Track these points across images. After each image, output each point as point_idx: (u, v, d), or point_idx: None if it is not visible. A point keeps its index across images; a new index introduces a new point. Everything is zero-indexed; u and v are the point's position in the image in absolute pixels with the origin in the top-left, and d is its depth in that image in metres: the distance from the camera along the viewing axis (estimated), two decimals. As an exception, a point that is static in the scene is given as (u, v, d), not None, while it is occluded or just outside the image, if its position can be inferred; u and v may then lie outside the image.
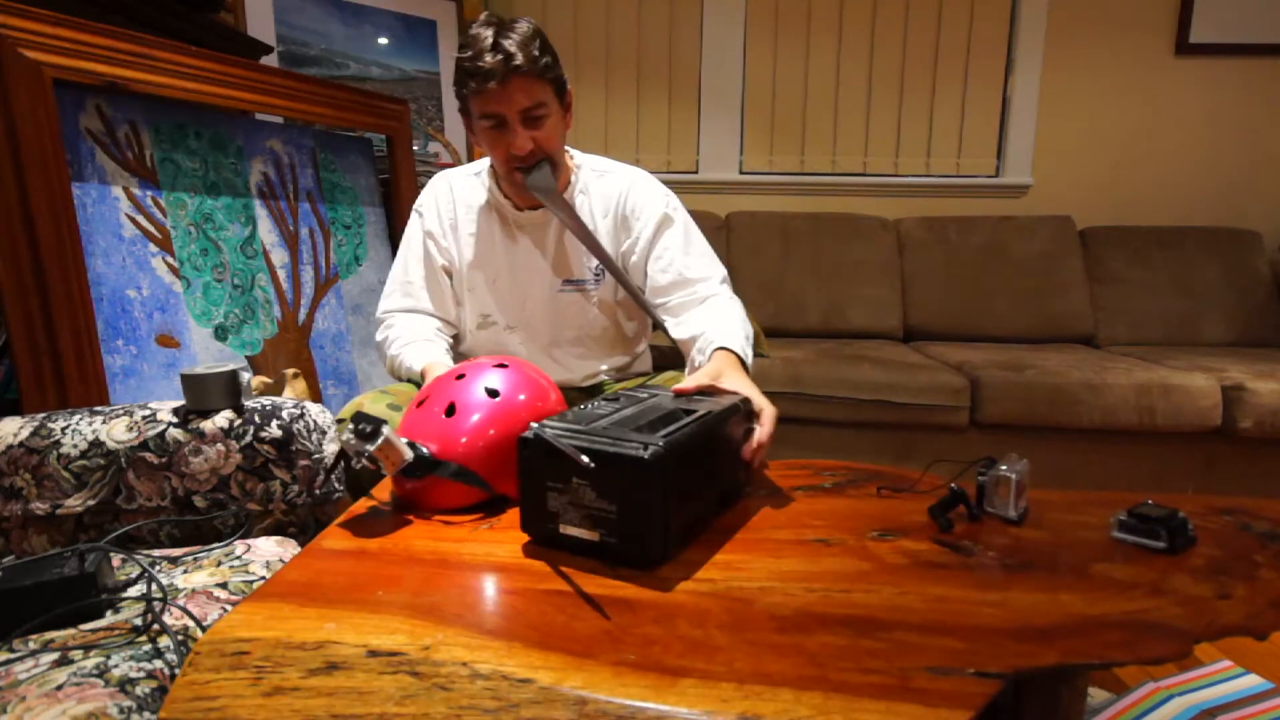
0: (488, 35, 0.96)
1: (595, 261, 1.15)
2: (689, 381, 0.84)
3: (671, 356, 1.37)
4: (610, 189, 1.16)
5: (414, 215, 1.19)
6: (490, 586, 0.61)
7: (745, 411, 0.80)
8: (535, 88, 0.98)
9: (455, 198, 1.16)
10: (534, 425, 0.67)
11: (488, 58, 0.95)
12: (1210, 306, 2.33)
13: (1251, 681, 1.12)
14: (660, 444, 0.62)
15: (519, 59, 0.95)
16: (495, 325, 1.17)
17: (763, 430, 0.81)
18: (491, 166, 1.14)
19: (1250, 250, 2.38)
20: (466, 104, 1.02)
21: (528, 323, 1.17)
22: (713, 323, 1.02)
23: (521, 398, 0.80)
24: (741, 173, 2.64)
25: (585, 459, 0.61)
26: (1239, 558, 0.67)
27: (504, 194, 1.13)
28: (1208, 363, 1.93)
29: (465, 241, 1.15)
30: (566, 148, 1.16)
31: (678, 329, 1.09)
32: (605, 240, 1.14)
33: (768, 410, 0.82)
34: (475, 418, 0.77)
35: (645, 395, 0.81)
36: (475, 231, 1.15)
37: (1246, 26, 2.42)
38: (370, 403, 1.05)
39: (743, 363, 0.96)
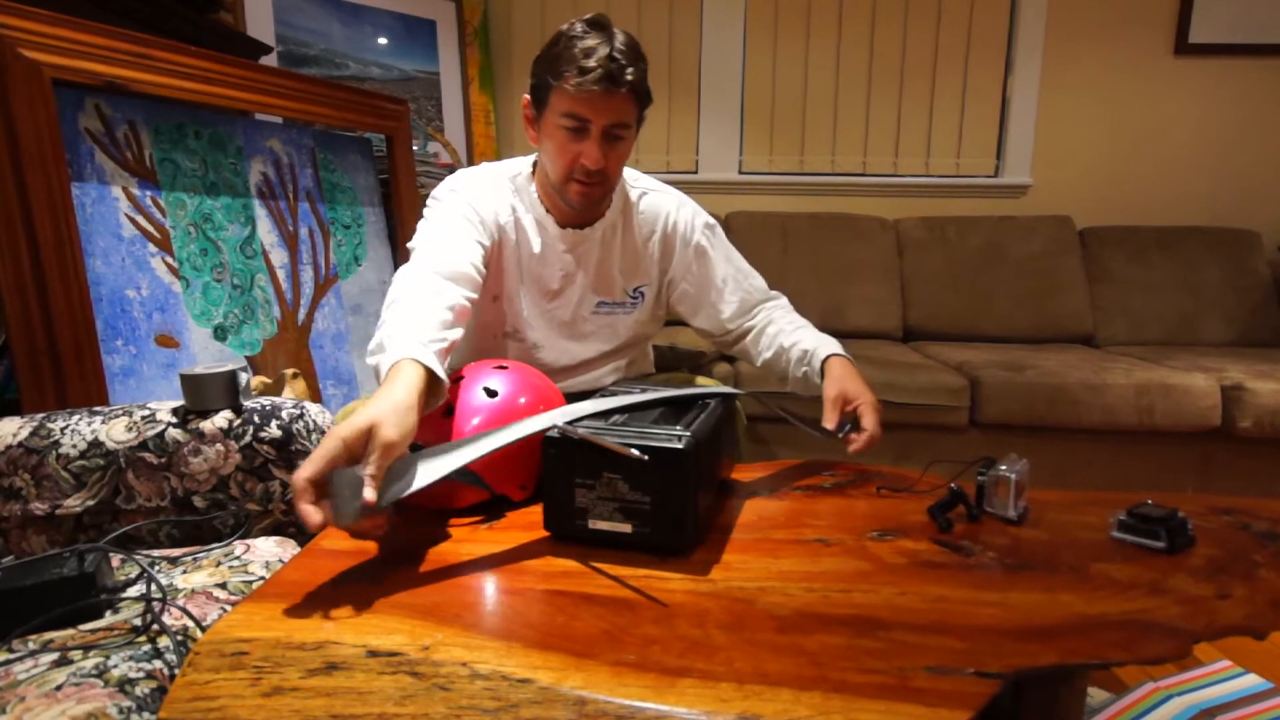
0: (599, 39, 0.91)
1: (634, 284, 1.12)
2: (830, 411, 0.97)
3: (670, 358, 1.37)
4: (654, 208, 1.12)
5: (447, 194, 1.03)
6: (490, 586, 0.61)
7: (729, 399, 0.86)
8: (630, 106, 0.95)
9: (495, 202, 1.04)
10: (558, 425, 0.68)
11: (597, 61, 0.89)
12: (1210, 306, 2.33)
13: (1251, 681, 1.12)
14: (689, 433, 0.66)
15: (630, 73, 0.91)
16: (523, 342, 1.11)
17: (870, 423, 0.94)
18: (534, 177, 1.06)
19: (1250, 250, 2.38)
20: (548, 94, 0.94)
21: (556, 341, 1.12)
22: (802, 334, 1.12)
23: (521, 400, 0.80)
24: (741, 173, 2.64)
25: (636, 452, 0.63)
26: (1238, 557, 0.67)
27: (546, 209, 1.06)
28: (1207, 363, 1.93)
29: (504, 249, 1.05)
30: None
31: (763, 355, 1.15)
32: (654, 260, 1.12)
33: (871, 405, 0.96)
34: (475, 419, 0.77)
35: (638, 390, 0.84)
36: (515, 241, 1.05)
37: (1246, 27, 2.43)
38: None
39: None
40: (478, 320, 1.11)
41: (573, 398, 1.15)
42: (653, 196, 1.13)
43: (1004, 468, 0.75)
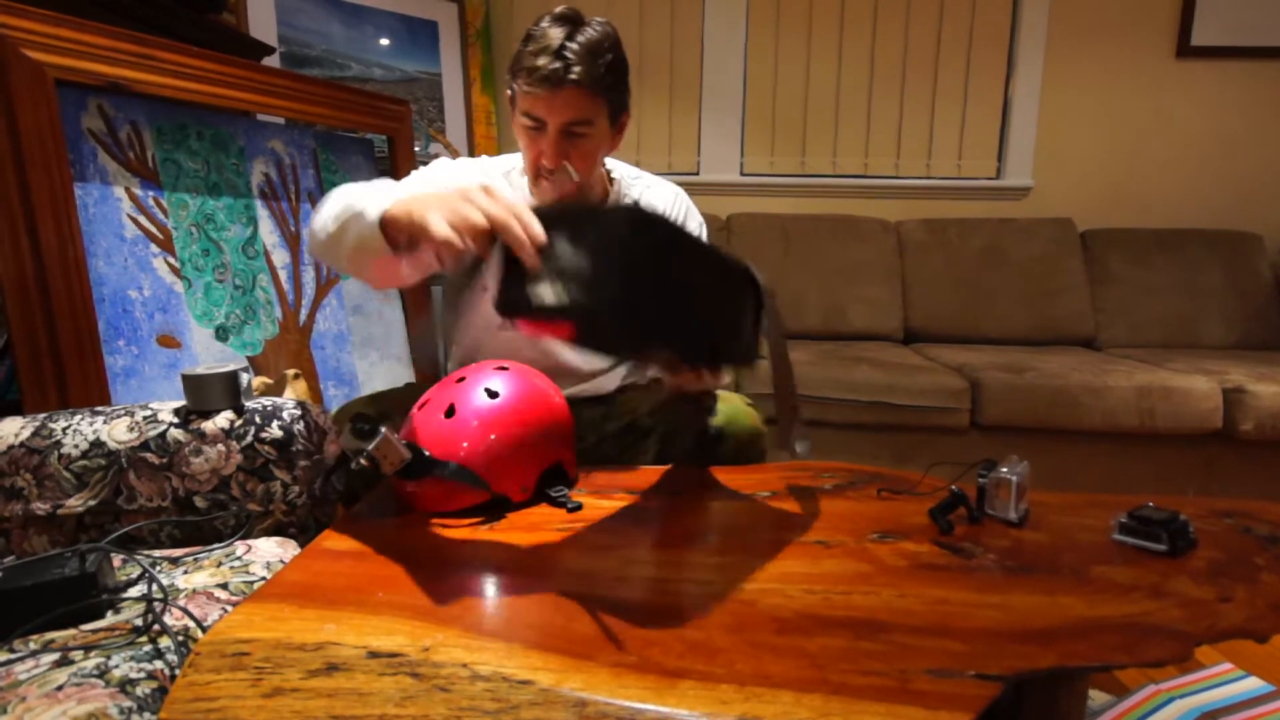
0: (557, 35, 0.89)
1: None
2: None
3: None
4: (663, 196, 1.12)
5: (433, 165, 1.03)
6: (490, 587, 0.61)
7: (758, 283, 0.75)
8: (586, 103, 0.92)
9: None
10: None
11: (544, 59, 0.88)
12: (1211, 309, 2.33)
13: (1252, 684, 1.12)
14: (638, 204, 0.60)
15: (577, 70, 0.88)
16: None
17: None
18: (525, 170, 1.06)
19: (1251, 253, 2.38)
20: (514, 93, 0.96)
21: None
22: None
23: (522, 399, 0.80)
24: (742, 174, 2.64)
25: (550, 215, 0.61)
26: (1240, 560, 0.67)
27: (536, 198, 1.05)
28: (1208, 365, 1.93)
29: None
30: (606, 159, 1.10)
31: None
32: None
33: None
34: (476, 420, 0.77)
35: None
36: None
37: (1248, 29, 2.42)
38: (361, 409, 1.04)
39: None
40: (472, 315, 1.12)
41: (578, 404, 1.15)
42: (653, 190, 1.14)
43: (1005, 470, 0.75)
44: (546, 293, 0.61)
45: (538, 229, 0.62)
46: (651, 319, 0.62)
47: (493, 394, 0.79)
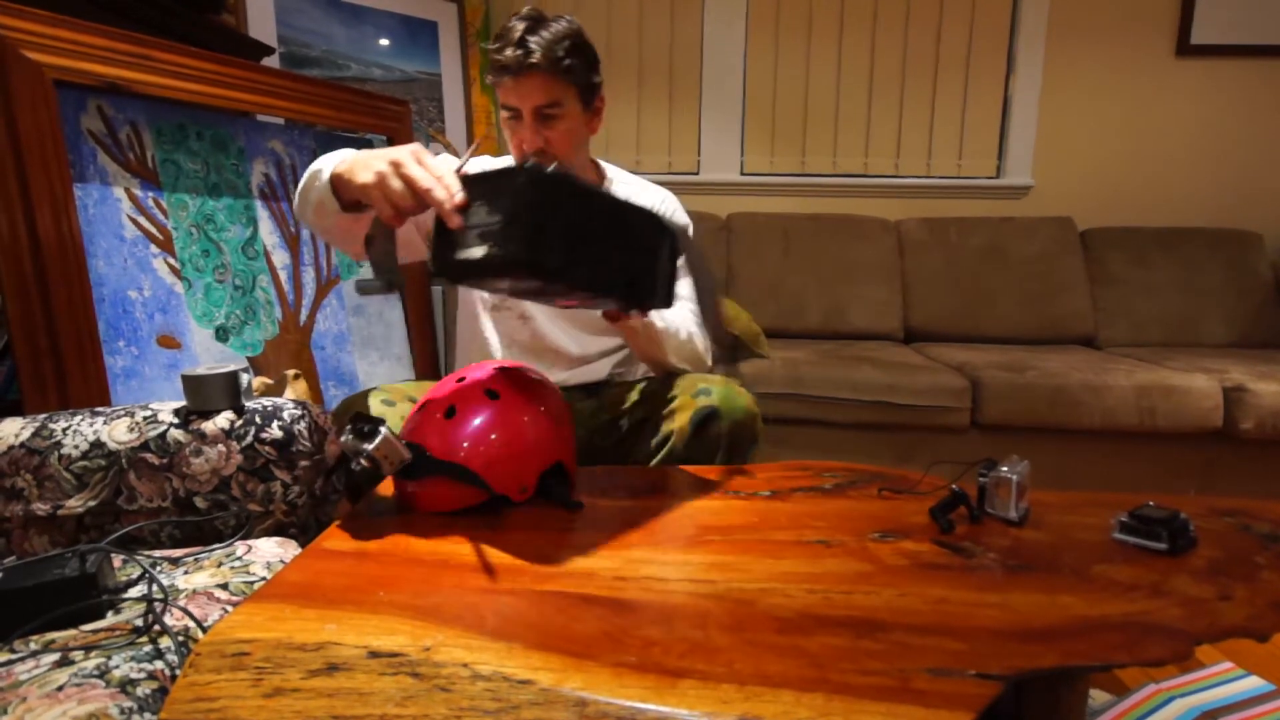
0: (519, 28, 0.97)
1: None
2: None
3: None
4: (649, 198, 1.19)
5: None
6: (490, 587, 0.61)
7: (670, 230, 0.82)
8: (552, 86, 0.99)
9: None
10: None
11: (509, 50, 0.96)
12: (1211, 307, 2.33)
13: (1253, 683, 1.12)
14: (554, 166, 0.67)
15: (537, 56, 0.96)
16: (511, 310, 1.15)
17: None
18: None
19: (1252, 251, 2.38)
20: (494, 91, 1.04)
21: (545, 308, 1.15)
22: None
23: (522, 399, 0.80)
24: (742, 174, 2.64)
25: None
26: (1240, 559, 0.67)
27: None
28: (1209, 364, 1.93)
29: None
30: (599, 160, 1.18)
31: None
32: None
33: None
34: (476, 420, 0.77)
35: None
36: None
37: (1247, 27, 2.42)
38: (362, 405, 1.05)
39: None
40: (465, 301, 1.16)
41: (571, 395, 1.16)
42: (651, 192, 1.21)
43: (1005, 469, 0.75)
44: (468, 250, 0.67)
45: (458, 190, 0.68)
46: (562, 261, 0.68)
47: (493, 394, 0.79)
